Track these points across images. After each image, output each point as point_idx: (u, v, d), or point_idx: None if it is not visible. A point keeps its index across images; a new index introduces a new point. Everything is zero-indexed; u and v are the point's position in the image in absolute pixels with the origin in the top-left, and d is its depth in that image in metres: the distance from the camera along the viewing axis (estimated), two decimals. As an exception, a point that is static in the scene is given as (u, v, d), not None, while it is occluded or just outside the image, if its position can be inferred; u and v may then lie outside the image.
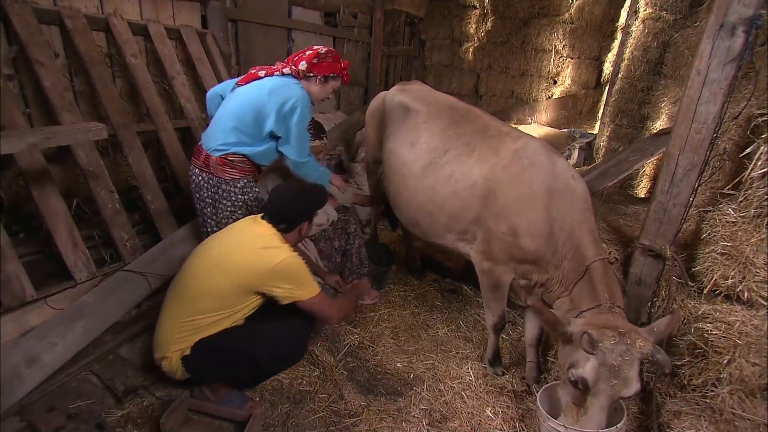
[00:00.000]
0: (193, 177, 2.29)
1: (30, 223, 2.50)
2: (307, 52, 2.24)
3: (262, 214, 1.95)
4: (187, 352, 1.86)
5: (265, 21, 4.18)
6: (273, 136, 2.21)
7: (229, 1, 3.79)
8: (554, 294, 2.03)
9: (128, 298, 2.41)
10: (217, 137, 2.21)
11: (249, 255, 1.81)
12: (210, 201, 2.28)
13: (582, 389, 1.67)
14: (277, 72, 2.23)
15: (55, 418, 1.88)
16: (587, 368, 1.63)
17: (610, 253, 2.47)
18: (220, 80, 3.40)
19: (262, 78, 2.22)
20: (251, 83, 2.23)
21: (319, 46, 2.29)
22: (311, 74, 2.24)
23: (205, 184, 2.26)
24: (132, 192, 2.93)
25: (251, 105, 2.14)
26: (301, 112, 2.14)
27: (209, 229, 2.33)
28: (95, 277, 2.41)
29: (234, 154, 2.19)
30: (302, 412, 2.08)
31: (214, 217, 2.31)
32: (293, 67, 2.24)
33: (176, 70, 3.10)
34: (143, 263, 2.53)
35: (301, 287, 1.86)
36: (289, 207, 1.91)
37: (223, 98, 2.37)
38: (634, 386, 1.62)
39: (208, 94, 2.47)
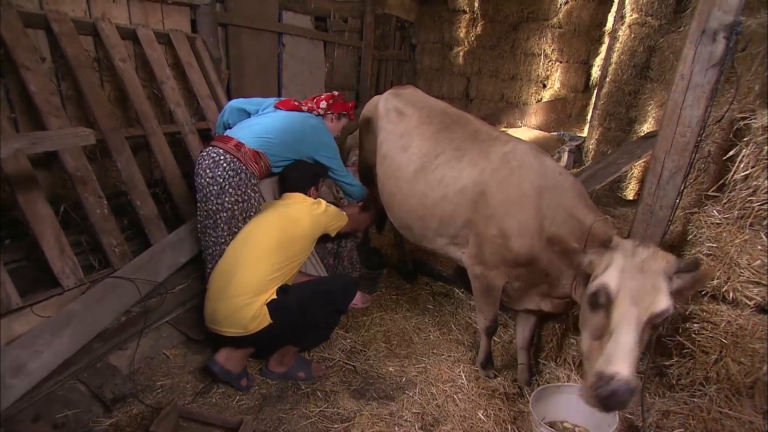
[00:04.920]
0: (213, 155, 2.32)
1: (16, 228, 2.46)
2: (323, 95, 2.71)
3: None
4: (274, 296, 2.10)
5: (255, 25, 4.18)
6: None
7: (219, 6, 3.79)
8: (565, 283, 1.95)
9: (117, 305, 2.38)
10: (256, 138, 2.40)
11: (307, 210, 2.31)
12: (221, 180, 2.29)
13: (604, 303, 1.46)
14: (315, 111, 2.64)
15: (41, 429, 1.85)
16: (609, 273, 1.46)
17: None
18: (210, 84, 3.39)
19: (304, 111, 2.60)
20: (296, 113, 2.57)
21: (331, 92, 2.79)
22: (329, 112, 2.70)
23: (225, 164, 2.30)
24: (121, 197, 2.90)
25: (295, 138, 2.50)
26: (334, 149, 2.68)
27: (211, 206, 2.32)
28: (83, 283, 2.37)
29: (266, 154, 2.42)
30: (294, 418, 2.07)
31: (218, 199, 2.31)
32: (318, 107, 2.65)
33: (166, 75, 3.08)
34: (132, 269, 2.50)
35: (341, 219, 2.47)
36: (301, 177, 2.47)
37: (248, 113, 2.64)
38: (665, 299, 1.41)
39: (230, 104, 2.66)
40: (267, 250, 2.13)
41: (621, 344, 1.36)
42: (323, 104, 2.65)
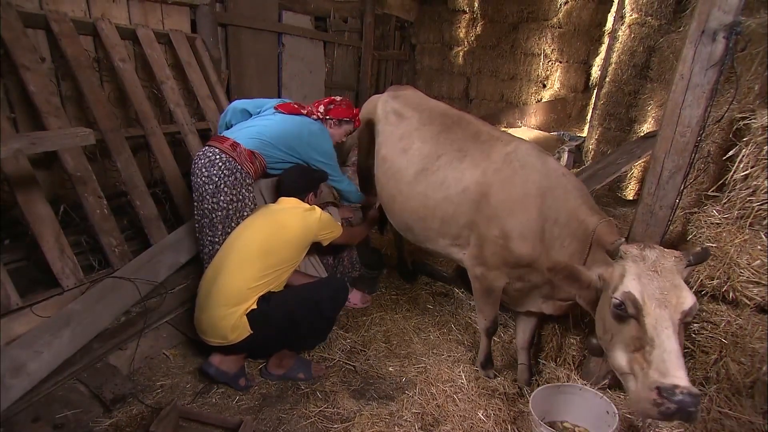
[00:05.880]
0: (209, 154, 2.32)
1: (16, 228, 2.46)
2: (325, 100, 2.66)
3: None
4: (254, 306, 2.05)
5: (255, 25, 4.18)
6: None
7: (218, 6, 3.79)
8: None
9: (117, 305, 2.38)
10: (251, 139, 2.39)
11: (299, 217, 2.24)
12: (216, 179, 2.30)
13: (633, 312, 1.43)
14: (314, 115, 2.60)
15: (41, 429, 1.85)
16: (628, 281, 1.45)
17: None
18: (210, 84, 3.39)
19: (303, 115, 2.58)
20: (294, 117, 2.55)
21: (333, 97, 2.72)
22: (328, 117, 2.64)
23: (220, 163, 2.30)
24: (121, 197, 2.90)
25: (290, 141, 2.49)
26: (331, 155, 2.64)
27: (207, 206, 2.33)
28: (83, 283, 2.37)
29: (262, 155, 2.41)
30: (294, 418, 2.07)
31: (213, 198, 2.32)
32: (316, 112, 2.62)
33: (165, 75, 3.08)
34: (132, 269, 2.51)
35: (335, 229, 2.40)
36: (298, 182, 2.40)
37: (250, 114, 2.61)
38: (689, 294, 1.41)
39: (233, 104, 2.65)
40: (250, 257, 2.09)
41: (668, 351, 1.32)
42: (321, 108, 2.63)
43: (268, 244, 2.12)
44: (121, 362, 2.25)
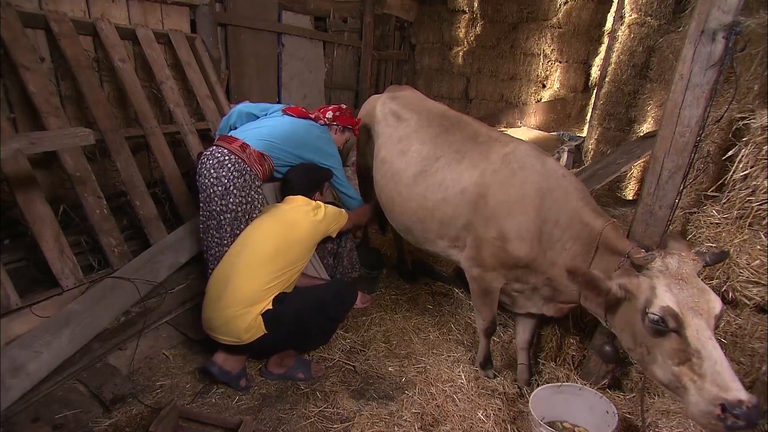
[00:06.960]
0: (218, 155, 2.30)
1: (15, 229, 2.47)
2: (331, 106, 2.74)
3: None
4: (269, 306, 2.08)
5: (255, 25, 4.18)
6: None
7: (218, 6, 3.79)
8: (569, 287, 1.93)
9: (116, 305, 2.38)
10: (261, 140, 2.40)
11: (306, 215, 2.28)
12: (225, 181, 2.27)
13: (674, 326, 1.40)
14: (321, 120, 2.65)
15: (40, 429, 1.84)
16: (661, 294, 1.43)
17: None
18: (209, 84, 3.39)
19: (312, 119, 2.62)
20: (302, 120, 2.57)
21: (339, 105, 2.80)
22: (334, 123, 2.70)
23: (230, 165, 2.28)
24: (120, 197, 2.90)
25: (298, 144, 2.51)
26: (336, 159, 2.68)
27: (215, 207, 2.30)
28: (83, 283, 2.37)
29: (270, 157, 2.43)
30: (294, 418, 2.07)
31: (222, 200, 2.29)
32: (323, 117, 2.68)
33: (165, 75, 3.08)
34: (132, 269, 2.50)
35: (341, 219, 2.46)
36: (305, 180, 2.44)
37: (256, 116, 2.63)
38: (716, 297, 1.43)
39: (239, 107, 2.67)
40: (263, 259, 2.10)
41: (718, 362, 1.30)
42: (329, 114, 2.67)
43: (282, 244, 2.14)
44: (121, 362, 2.25)
